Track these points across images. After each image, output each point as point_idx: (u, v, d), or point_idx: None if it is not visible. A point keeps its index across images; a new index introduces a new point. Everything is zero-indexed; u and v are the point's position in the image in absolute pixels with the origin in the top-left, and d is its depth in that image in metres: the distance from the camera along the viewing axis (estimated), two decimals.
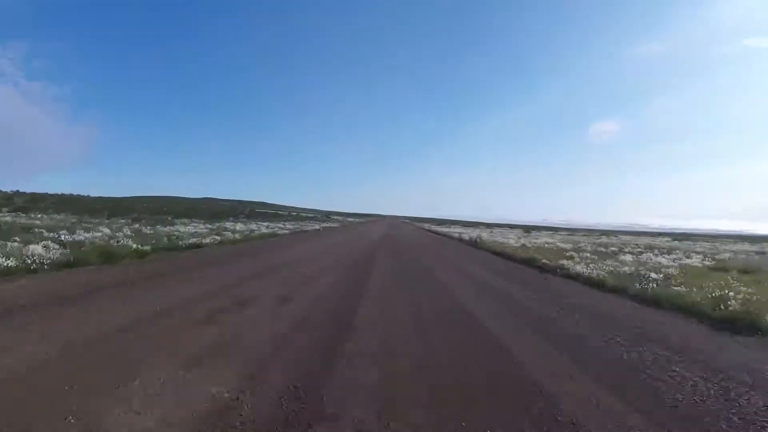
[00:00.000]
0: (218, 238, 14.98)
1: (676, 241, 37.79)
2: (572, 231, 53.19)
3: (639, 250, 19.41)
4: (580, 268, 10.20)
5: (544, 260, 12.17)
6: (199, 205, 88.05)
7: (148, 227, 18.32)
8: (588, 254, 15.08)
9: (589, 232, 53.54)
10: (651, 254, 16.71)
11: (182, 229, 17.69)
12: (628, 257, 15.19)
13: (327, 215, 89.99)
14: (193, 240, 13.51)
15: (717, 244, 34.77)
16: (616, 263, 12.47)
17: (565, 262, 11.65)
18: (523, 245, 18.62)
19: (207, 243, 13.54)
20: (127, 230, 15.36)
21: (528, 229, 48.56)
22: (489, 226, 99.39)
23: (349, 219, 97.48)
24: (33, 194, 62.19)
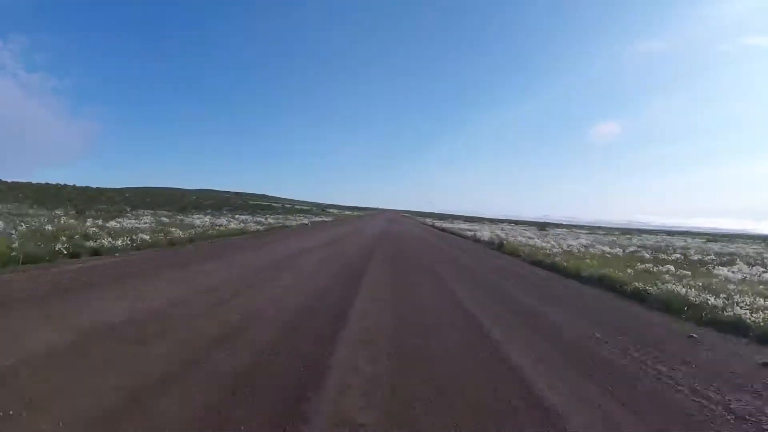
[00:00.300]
0: (147, 238, 10.52)
1: (711, 243, 33.56)
2: (591, 229, 48.75)
3: (711, 258, 15.05)
4: (718, 305, 5.84)
5: (632, 281, 7.77)
6: (189, 196, 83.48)
7: (70, 221, 13.86)
8: (671, 267, 10.69)
9: (608, 231, 49.17)
10: (744, 265, 12.36)
11: (113, 224, 13.23)
12: (725, 271, 10.84)
13: (323, 208, 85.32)
14: (99, 243, 9.06)
15: (758, 246, 30.54)
16: (730, 284, 8.12)
17: (669, 286, 7.26)
18: (567, 251, 14.23)
19: (119, 246, 9.09)
20: (24, 226, 10.89)
21: (542, 226, 44.15)
22: (493, 221, 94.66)
23: (347, 212, 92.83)
24: (13, 183, 57.86)
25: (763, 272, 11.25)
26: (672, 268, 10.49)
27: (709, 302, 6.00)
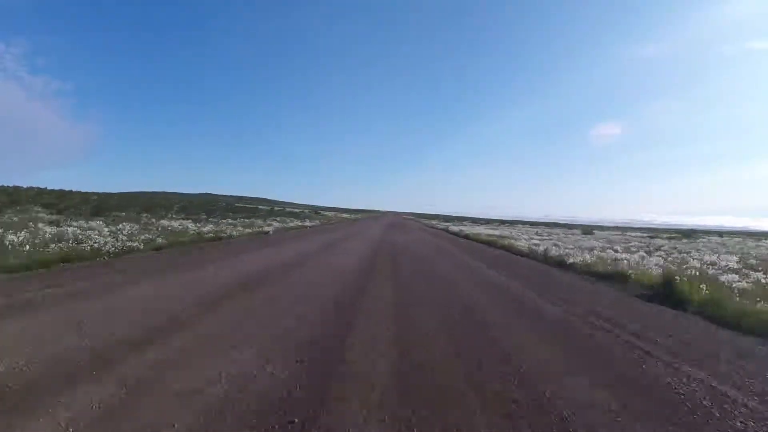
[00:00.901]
0: None
1: None
2: (653, 232, 39.87)
3: None
4: None
5: None
6: (160, 199, 75.19)
7: None
8: None
9: (650, 230, 40.31)
10: None
11: None
12: None
13: (317, 210, 76.60)
14: None
15: None
16: None
17: None
18: None
19: None
20: None
21: (588, 229, 35.35)
22: (504, 223, 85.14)
23: (344, 215, 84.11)
24: None
25: None
26: None
27: None
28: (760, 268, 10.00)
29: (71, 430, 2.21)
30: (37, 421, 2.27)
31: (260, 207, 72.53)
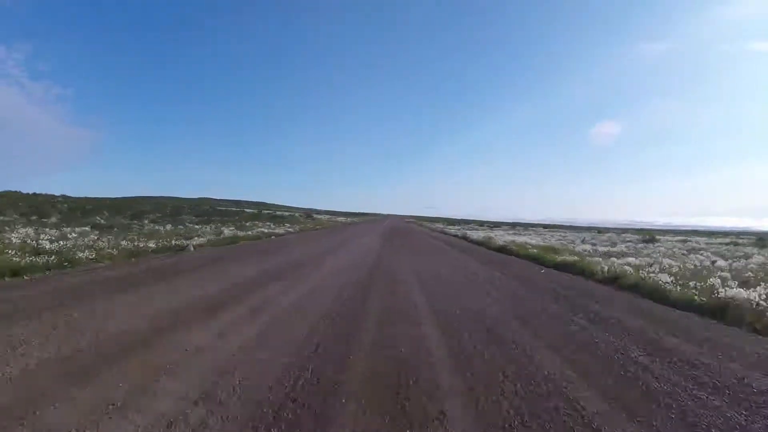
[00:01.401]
0: None
1: None
2: (734, 237, 33.08)
3: None
4: None
5: None
6: (131, 203, 68.84)
7: None
8: None
9: (706, 234, 33.59)
10: None
11: None
12: None
13: (309, 214, 69.93)
14: None
15: None
16: None
17: None
18: None
19: None
20: None
21: (649, 234, 28.73)
22: (515, 226, 77.83)
23: (340, 218, 77.59)
24: None
25: None
26: None
27: None
28: None
29: None
30: None
31: (246, 210, 65.86)
